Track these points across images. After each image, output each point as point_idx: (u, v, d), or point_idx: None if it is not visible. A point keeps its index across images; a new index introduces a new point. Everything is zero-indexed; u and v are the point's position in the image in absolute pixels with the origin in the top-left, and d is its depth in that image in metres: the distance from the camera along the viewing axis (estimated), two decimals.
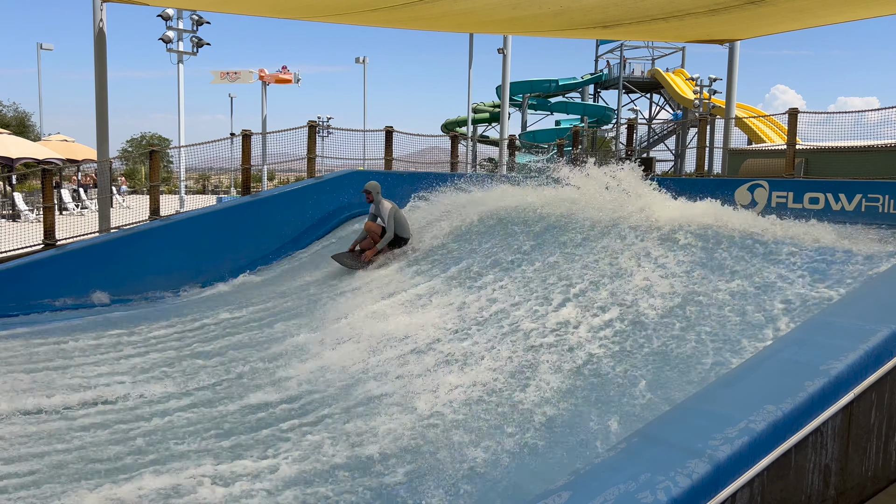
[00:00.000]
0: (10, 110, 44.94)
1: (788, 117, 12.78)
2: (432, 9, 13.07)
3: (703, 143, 14.66)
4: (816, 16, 13.71)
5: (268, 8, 14.78)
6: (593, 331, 6.11)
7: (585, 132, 18.97)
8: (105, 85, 13.58)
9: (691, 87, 37.37)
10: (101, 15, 13.37)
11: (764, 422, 3.02)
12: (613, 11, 13.13)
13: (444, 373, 5.96)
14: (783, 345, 3.80)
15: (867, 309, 4.13)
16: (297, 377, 6.62)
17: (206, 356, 7.58)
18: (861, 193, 9.47)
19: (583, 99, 45.44)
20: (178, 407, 6.13)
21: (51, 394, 6.42)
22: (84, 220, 16.83)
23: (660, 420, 3.35)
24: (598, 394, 5.18)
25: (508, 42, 22.88)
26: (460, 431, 4.98)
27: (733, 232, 7.61)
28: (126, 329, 8.87)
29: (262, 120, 36.15)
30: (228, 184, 38.55)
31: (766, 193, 10.67)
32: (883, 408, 3.64)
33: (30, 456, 5.20)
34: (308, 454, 4.95)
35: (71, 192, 26.79)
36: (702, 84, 34.94)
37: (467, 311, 7.34)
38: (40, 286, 10.14)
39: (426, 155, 17.73)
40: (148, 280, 10.97)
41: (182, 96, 26.81)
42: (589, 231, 8.57)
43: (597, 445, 4.50)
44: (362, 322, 7.71)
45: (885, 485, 3.77)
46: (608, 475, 2.84)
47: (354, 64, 46.04)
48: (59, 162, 24.93)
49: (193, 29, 26.19)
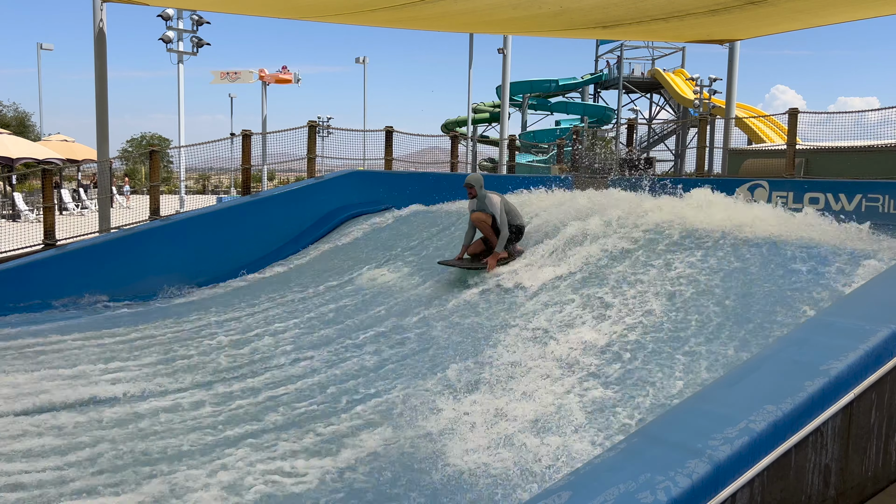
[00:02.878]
0: (10, 110, 44.97)
1: (788, 117, 12.79)
2: (432, 9, 13.07)
3: (703, 143, 14.67)
4: (816, 16, 13.72)
5: (268, 8, 14.79)
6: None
7: (585, 132, 18.93)
8: (105, 85, 13.58)
9: (691, 87, 37.39)
10: (101, 15, 13.37)
11: (764, 422, 3.02)
12: (613, 11, 13.14)
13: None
14: (783, 345, 3.80)
15: (867, 309, 4.13)
16: (298, 377, 6.63)
17: (205, 357, 7.58)
18: (861, 193, 9.48)
19: (583, 99, 45.45)
20: (178, 407, 6.13)
21: (51, 393, 6.42)
22: (84, 220, 16.84)
23: (660, 420, 3.35)
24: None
25: (508, 42, 22.88)
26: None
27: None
28: (126, 329, 8.87)
29: (262, 120, 36.18)
30: (228, 184, 38.55)
31: (766, 193, 10.68)
32: (883, 408, 3.64)
33: (31, 455, 5.19)
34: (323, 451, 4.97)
35: (71, 192, 26.80)
36: (702, 84, 34.96)
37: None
38: (40, 286, 10.14)
39: (426, 155, 17.76)
40: (148, 280, 10.97)
41: (182, 96, 26.85)
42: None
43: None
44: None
45: (885, 485, 3.77)
46: (608, 475, 2.83)
47: (354, 64, 46.13)
48: (59, 162, 24.94)
49: (193, 29, 26.21)
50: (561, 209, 9.32)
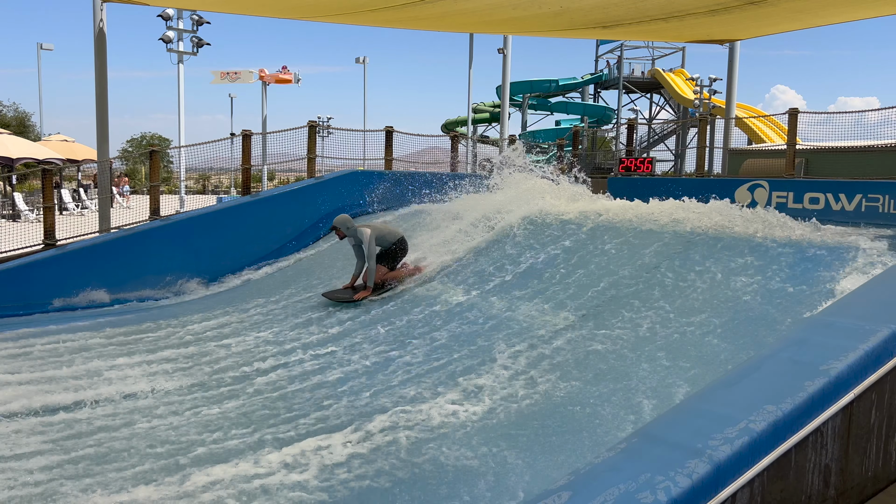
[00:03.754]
0: (10, 110, 44.94)
1: (788, 117, 12.78)
2: (432, 9, 13.07)
3: (703, 143, 14.65)
4: (816, 16, 13.71)
5: (268, 8, 14.77)
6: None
7: (585, 132, 18.97)
8: (105, 85, 13.57)
9: (691, 87, 37.35)
10: (101, 15, 13.37)
11: (764, 422, 3.02)
12: (613, 11, 13.13)
13: None
14: (783, 345, 3.80)
15: (867, 309, 4.13)
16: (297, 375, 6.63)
17: (205, 356, 7.58)
18: (861, 193, 9.46)
19: (583, 99, 45.41)
20: (178, 408, 6.13)
21: (51, 393, 6.42)
22: (84, 220, 16.84)
23: (660, 420, 3.35)
24: None
25: (508, 42, 22.88)
26: None
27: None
28: (126, 329, 8.87)
29: (262, 120, 36.15)
30: (228, 184, 38.55)
31: (766, 193, 10.67)
32: (883, 408, 3.64)
33: (30, 456, 5.19)
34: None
35: (71, 192, 26.79)
36: (702, 84, 34.92)
37: None
38: (40, 286, 10.13)
39: (426, 155, 17.76)
40: (148, 280, 10.97)
41: (182, 96, 26.80)
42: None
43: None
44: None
45: (885, 485, 3.77)
46: (608, 475, 2.84)
47: (354, 64, 46.10)
48: (59, 162, 24.92)
49: (193, 29, 26.18)
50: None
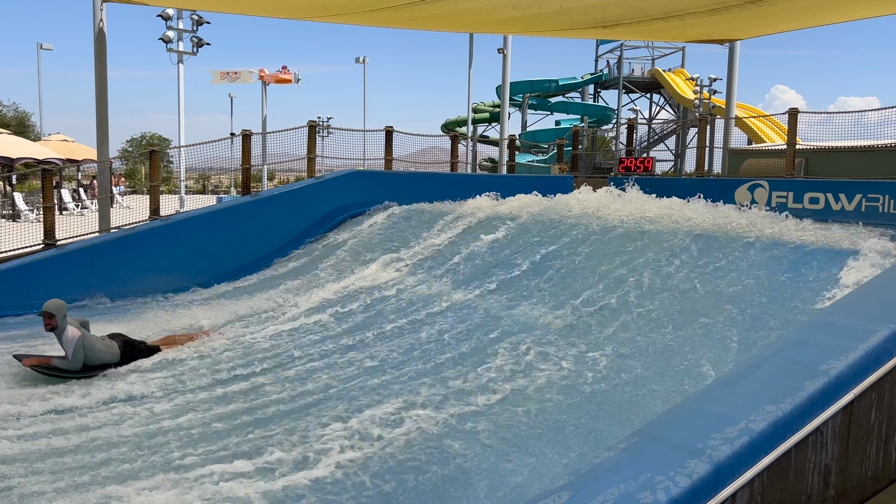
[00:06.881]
0: (10, 110, 44.90)
1: (788, 117, 12.78)
2: (432, 9, 13.07)
3: (703, 143, 14.66)
4: (816, 16, 13.71)
5: (268, 8, 14.77)
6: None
7: (585, 132, 18.93)
8: (105, 85, 13.57)
9: (691, 87, 37.33)
10: (101, 15, 13.37)
11: (764, 422, 3.02)
12: (613, 11, 13.13)
13: None
14: (783, 345, 3.80)
15: (867, 309, 4.13)
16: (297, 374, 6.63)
17: (205, 357, 7.57)
18: (861, 193, 9.44)
19: (583, 99, 45.39)
20: (179, 408, 6.12)
21: (51, 393, 6.42)
22: (84, 220, 16.83)
23: (660, 420, 3.35)
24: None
25: (508, 42, 22.88)
26: None
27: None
28: (126, 329, 8.85)
29: (262, 120, 36.15)
30: (228, 184, 38.52)
31: (766, 193, 10.66)
32: (883, 408, 3.64)
33: (33, 454, 5.19)
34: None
35: (71, 192, 26.78)
36: (702, 84, 34.91)
37: None
38: (40, 286, 10.13)
39: (426, 155, 17.76)
40: (148, 280, 10.97)
41: (182, 96, 26.82)
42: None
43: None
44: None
45: (885, 485, 3.77)
46: (608, 475, 2.83)
47: (354, 64, 46.10)
48: (59, 162, 24.92)
49: (193, 29, 26.18)
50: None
